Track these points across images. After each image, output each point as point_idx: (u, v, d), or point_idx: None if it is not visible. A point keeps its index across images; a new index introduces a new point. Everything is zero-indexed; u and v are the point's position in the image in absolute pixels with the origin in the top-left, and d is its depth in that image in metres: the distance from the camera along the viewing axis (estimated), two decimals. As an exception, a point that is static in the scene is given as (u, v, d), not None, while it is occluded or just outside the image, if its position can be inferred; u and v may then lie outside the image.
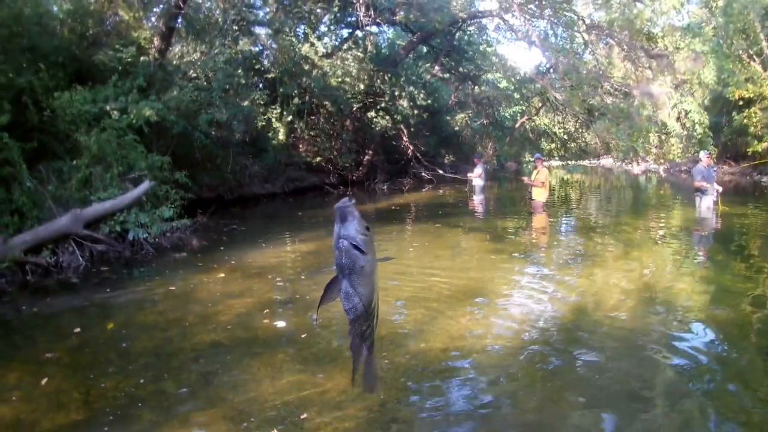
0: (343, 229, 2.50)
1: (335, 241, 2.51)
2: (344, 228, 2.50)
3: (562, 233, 17.05)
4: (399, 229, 17.83)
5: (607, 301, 8.75)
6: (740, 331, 7.46)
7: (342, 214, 2.51)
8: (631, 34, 31.36)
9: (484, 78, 45.48)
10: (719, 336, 7.18)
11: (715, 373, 6.18)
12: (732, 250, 13.33)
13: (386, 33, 42.02)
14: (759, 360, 6.53)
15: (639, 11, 31.02)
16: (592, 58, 37.12)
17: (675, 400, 5.56)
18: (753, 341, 7.17)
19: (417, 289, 9.71)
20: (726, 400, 5.56)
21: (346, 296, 2.63)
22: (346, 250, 2.51)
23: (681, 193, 27.98)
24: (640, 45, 31.49)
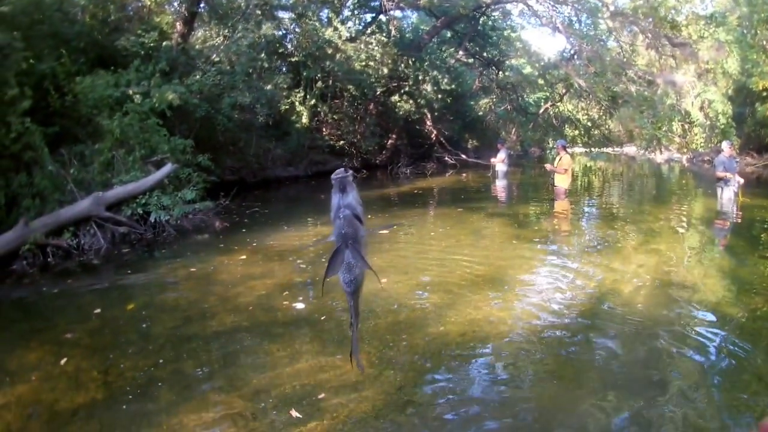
0: (344, 198, 2.46)
1: (335, 211, 2.47)
2: (344, 198, 2.46)
3: (584, 220, 16.97)
4: (421, 212, 17.83)
5: (625, 289, 8.72)
6: (756, 324, 7.41)
7: (341, 184, 2.46)
8: (655, 22, 31.19)
9: (508, 63, 45.26)
10: (735, 328, 7.14)
11: (730, 366, 6.13)
12: (751, 243, 13.20)
13: (410, 17, 41.94)
14: None
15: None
16: (616, 46, 36.95)
17: (690, 390, 5.52)
18: (765, 333, 7.11)
19: (438, 273, 9.71)
20: (740, 392, 5.53)
21: (348, 268, 2.57)
22: (349, 219, 2.46)
23: (703, 183, 27.78)
24: (664, 33, 31.31)
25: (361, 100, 31.93)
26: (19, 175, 12.82)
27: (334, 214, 2.47)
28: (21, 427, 5.11)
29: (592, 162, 50.39)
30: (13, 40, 13.14)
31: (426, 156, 36.27)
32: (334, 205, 2.45)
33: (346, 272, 2.56)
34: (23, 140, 12.73)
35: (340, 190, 2.44)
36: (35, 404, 5.44)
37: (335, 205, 2.45)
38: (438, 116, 36.54)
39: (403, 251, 11.64)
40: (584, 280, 9.38)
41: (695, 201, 21.72)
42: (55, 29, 16.03)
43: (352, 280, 2.58)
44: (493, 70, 44.13)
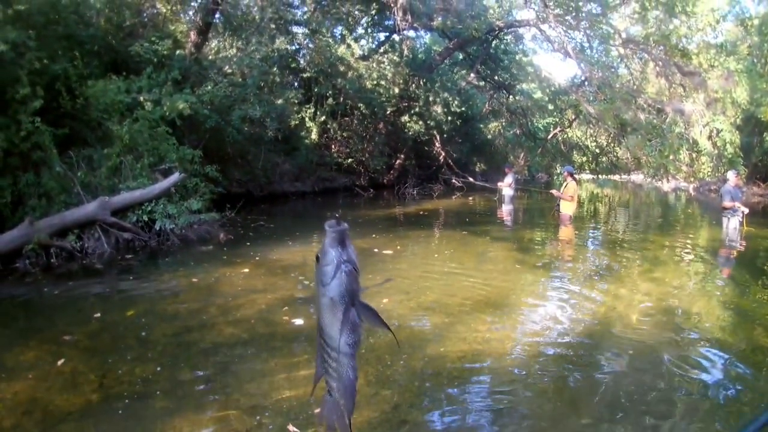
0: (344, 253, 2.36)
1: (335, 267, 2.34)
2: (345, 251, 2.36)
3: (588, 247, 16.96)
4: (426, 234, 17.83)
5: (627, 316, 8.69)
6: (758, 354, 7.38)
7: (341, 236, 2.36)
8: (666, 50, 31.29)
9: (518, 88, 45.43)
10: (737, 358, 7.10)
11: (731, 394, 6.12)
12: (755, 273, 13.18)
13: (423, 38, 42.20)
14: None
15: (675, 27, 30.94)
16: (627, 73, 37.04)
17: (690, 417, 5.51)
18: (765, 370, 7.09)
19: (439, 294, 9.69)
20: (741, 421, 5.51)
21: (353, 328, 2.45)
22: (354, 275, 2.37)
23: (709, 213, 27.81)
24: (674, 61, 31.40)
25: (370, 119, 32.06)
26: (27, 175, 12.93)
27: (334, 268, 2.35)
28: (15, 424, 5.11)
29: (599, 189, 50.45)
30: (28, 38, 13.24)
31: (433, 177, 36.39)
32: (332, 258, 2.33)
33: (352, 333, 2.43)
34: (32, 140, 12.82)
35: (340, 243, 2.33)
36: (31, 402, 5.45)
37: (334, 259, 2.34)
38: (447, 138, 36.69)
39: (406, 272, 11.63)
40: (586, 306, 9.37)
41: (701, 230, 21.73)
42: (69, 31, 16.15)
43: (356, 342, 2.45)
44: (504, 94, 44.30)
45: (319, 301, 2.38)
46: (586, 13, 31.05)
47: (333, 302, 2.31)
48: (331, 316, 2.35)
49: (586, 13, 31.05)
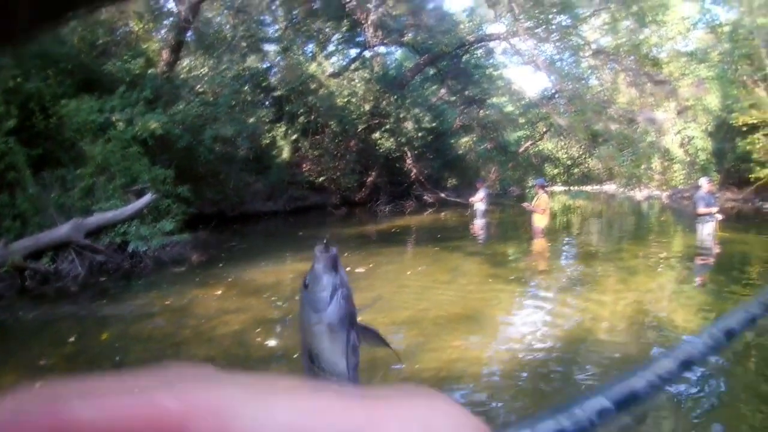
0: (338, 277, 2.33)
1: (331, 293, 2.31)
2: (337, 276, 2.33)
3: (562, 259, 17.05)
4: (399, 251, 17.86)
5: (604, 327, 8.74)
6: (737, 359, 7.45)
7: (333, 261, 2.33)
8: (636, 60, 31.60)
9: (489, 102, 45.68)
10: (716, 364, 7.19)
11: (711, 401, 6.18)
12: (732, 277, 13.31)
13: (394, 54, 42.35)
14: (757, 387, 6.51)
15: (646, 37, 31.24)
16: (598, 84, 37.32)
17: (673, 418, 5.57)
18: (750, 369, 7.17)
19: (413, 311, 9.69)
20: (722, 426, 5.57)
21: (354, 350, 2.42)
22: (351, 299, 2.34)
23: (683, 220, 27.98)
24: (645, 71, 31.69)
25: (342, 137, 32.08)
26: (1, 196, 12.84)
27: (330, 294, 2.32)
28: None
29: (572, 200, 50.62)
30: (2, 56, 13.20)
31: (405, 194, 36.38)
32: (326, 284, 2.31)
33: (353, 356, 2.39)
34: (6, 160, 12.79)
35: (333, 267, 2.31)
36: None
37: (329, 285, 2.31)
38: (418, 154, 36.72)
39: (379, 289, 11.64)
40: (561, 318, 9.43)
41: (675, 237, 21.90)
42: (44, 49, 16.10)
43: (356, 364, 2.40)
44: (475, 109, 44.47)
45: (311, 328, 2.36)
46: (556, 26, 31.36)
47: (332, 328, 2.28)
48: (330, 342, 2.32)
49: (556, 26, 31.36)
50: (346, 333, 2.29)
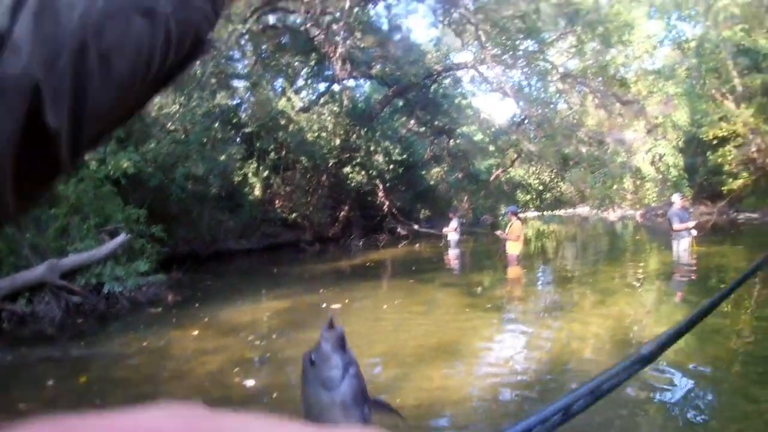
0: (348, 355, 2.32)
1: (342, 371, 2.30)
2: (347, 354, 2.33)
3: (538, 284, 17.12)
4: (374, 285, 17.86)
5: (583, 349, 8.80)
6: (721, 373, 7.50)
7: (340, 339, 2.34)
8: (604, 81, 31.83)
9: (459, 131, 45.85)
10: (699, 378, 7.22)
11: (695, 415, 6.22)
12: (711, 290, 13.44)
13: (362, 87, 42.41)
14: (741, 403, 6.55)
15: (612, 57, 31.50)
16: (566, 107, 37.56)
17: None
18: (734, 383, 7.20)
19: (391, 345, 9.69)
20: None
21: (367, 424, 2.41)
22: (361, 375, 2.34)
23: (657, 237, 28.20)
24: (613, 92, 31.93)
25: (313, 172, 32.09)
26: (-23, 237, 12.81)
27: (341, 372, 2.33)
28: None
29: (545, 225, 50.92)
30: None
31: (378, 227, 36.38)
32: (336, 363, 2.31)
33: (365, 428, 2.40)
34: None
35: (341, 345, 2.31)
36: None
37: (339, 363, 2.31)
38: (390, 187, 36.78)
39: (356, 324, 11.63)
40: (540, 344, 9.46)
41: (650, 256, 22.11)
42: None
43: None
44: (445, 139, 44.62)
45: (321, 406, 2.37)
46: (523, 51, 31.57)
47: (345, 405, 2.29)
48: (344, 419, 2.34)
49: (523, 51, 31.57)
50: (360, 410, 2.31)
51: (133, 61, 0.59)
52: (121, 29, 0.57)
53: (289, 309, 13.72)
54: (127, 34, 0.57)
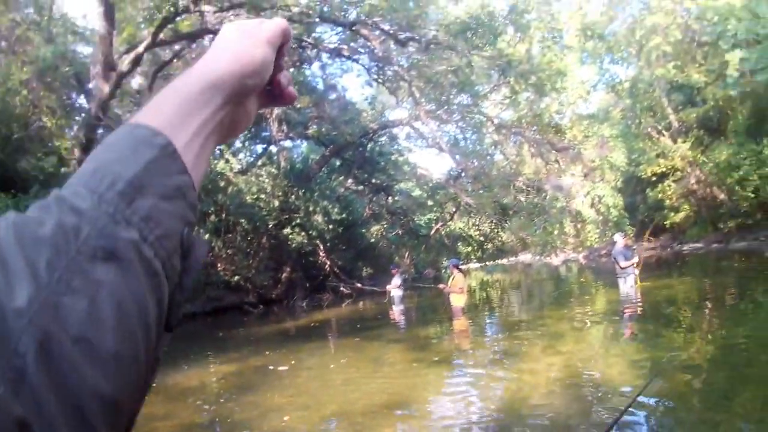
0: None
1: None
2: None
3: (485, 334, 17.18)
4: (320, 345, 17.75)
5: (537, 393, 8.82)
6: (678, 403, 7.60)
7: None
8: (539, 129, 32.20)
9: (397, 188, 46.08)
10: (657, 411, 7.30)
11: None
12: (660, 324, 13.67)
13: (300, 147, 42.62)
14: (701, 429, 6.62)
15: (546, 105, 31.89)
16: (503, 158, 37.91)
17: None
18: (693, 410, 7.35)
19: (341, 404, 9.64)
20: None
21: None
22: None
23: (602, 277, 28.51)
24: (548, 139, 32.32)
25: (254, 234, 32.04)
26: None
27: None
28: None
29: (489, 275, 51.17)
30: None
31: (321, 287, 36.29)
32: None
33: None
34: None
35: None
36: None
37: None
38: (330, 246, 36.75)
39: (305, 385, 11.59)
40: (493, 392, 9.50)
41: (597, 296, 22.38)
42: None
43: None
44: (383, 196, 44.81)
45: None
46: (457, 105, 31.82)
47: None
48: None
49: (457, 105, 31.82)
50: None
51: (119, 321, 0.62)
52: (85, 295, 0.59)
53: (237, 372, 13.64)
54: (95, 299, 0.60)
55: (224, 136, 0.95)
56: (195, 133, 0.82)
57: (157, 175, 0.73)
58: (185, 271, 0.77)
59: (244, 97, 0.94)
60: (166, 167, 0.75)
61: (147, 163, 0.72)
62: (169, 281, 0.72)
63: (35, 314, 0.56)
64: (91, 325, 0.59)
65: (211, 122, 0.86)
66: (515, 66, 28.18)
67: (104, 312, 0.60)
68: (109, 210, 0.66)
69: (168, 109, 0.82)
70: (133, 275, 0.65)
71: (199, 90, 0.84)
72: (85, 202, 0.67)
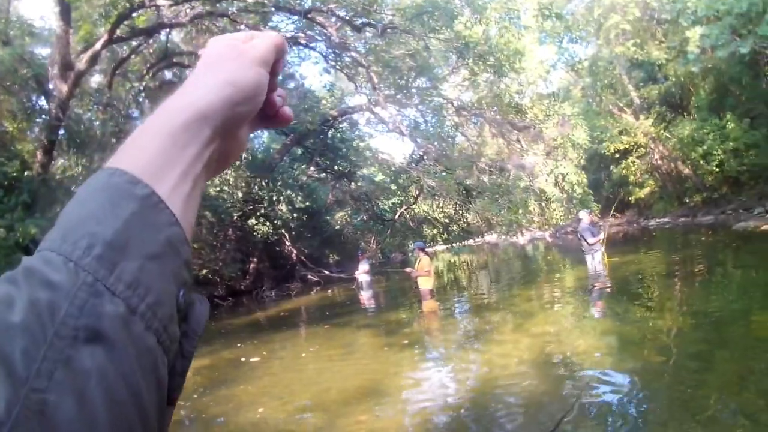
0: None
1: None
2: None
3: (455, 316, 17.23)
4: (290, 335, 17.73)
5: (509, 373, 8.87)
6: (651, 377, 7.68)
7: None
8: (500, 110, 32.15)
9: (359, 174, 45.98)
10: (630, 388, 7.34)
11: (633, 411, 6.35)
12: (630, 299, 13.78)
13: (261, 137, 42.27)
14: (675, 408, 6.67)
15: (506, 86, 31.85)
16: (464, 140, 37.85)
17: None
18: (666, 387, 7.39)
19: (314, 392, 9.66)
20: None
21: None
22: None
23: (569, 255, 28.69)
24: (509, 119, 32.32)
25: (219, 226, 31.88)
26: None
27: None
28: None
29: (456, 257, 51.24)
30: None
31: (289, 276, 36.26)
32: None
33: None
34: None
35: None
36: None
37: None
38: (296, 235, 36.72)
39: (278, 376, 11.58)
40: (466, 373, 9.55)
41: (564, 273, 22.55)
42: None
43: None
44: (346, 182, 44.63)
45: None
46: (416, 89, 31.72)
47: None
48: None
49: (416, 89, 31.72)
50: None
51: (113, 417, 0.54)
52: (71, 390, 0.52)
53: (210, 366, 13.60)
54: (83, 395, 0.52)
55: (215, 170, 0.86)
56: (182, 175, 0.72)
57: (141, 232, 0.64)
58: (185, 335, 0.72)
59: (236, 127, 0.85)
60: (151, 220, 0.65)
61: (128, 219, 0.63)
62: (167, 353, 0.65)
63: (16, 424, 0.49)
64: (82, 430, 0.52)
65: (200, 160, 0.75)
66: (473, 48, 28.14)
67: (95, 409, 0.53)
68: (87, 280, 0.57)
69: (148, 149, 0.71)
70: (123, 356, 0.56)
71: (183, 123, 0.74)
72: (59, 272, 0.58)
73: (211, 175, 0.84)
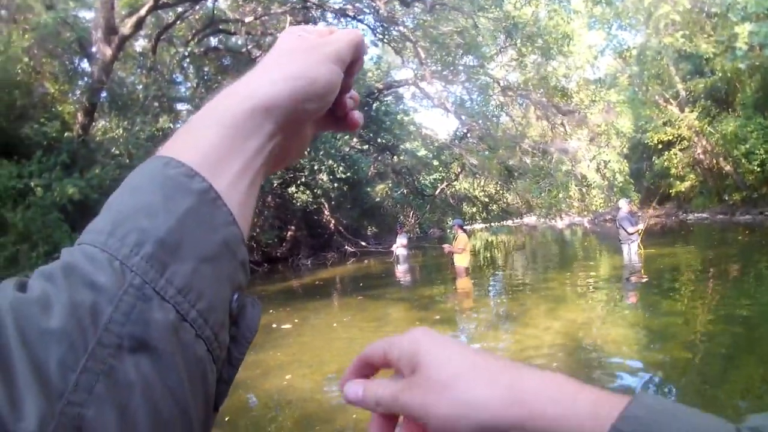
0: None
1: None
2: None
3: (489, 295, 17.18)
4: (324, 303, 17.89)
5: (537, 357, 8.88)
6: (676, 373, 7.73)
7: None
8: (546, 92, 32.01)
9: (402, 147, 45.93)
10: (655, 381, 7.37)
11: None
12: (662, 292, 13.65)
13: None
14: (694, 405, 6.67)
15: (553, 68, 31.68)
16: (508, 120, 37.75)
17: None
18: (688, 383, 7.43)
19: (343, 363, 9.64)
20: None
21: None
22: None
23: (606, 242, 28.47)
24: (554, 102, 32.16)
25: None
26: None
27: None
28: None
29: (493, 236, 51.04)
30: None
31: (326, 246, 36.44)
32: None
33: None
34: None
35: None
36: None
37: None
38: (336, 205, 36.79)
39: (308, 344, 11.66)
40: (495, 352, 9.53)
41: (601, 261, 22.35)
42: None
43: None
44: (388, 155, 44.65)
45: None
46: (463, 66, 31.66)
47: None
48: None
49: (463, 66, 31.66)
50: None
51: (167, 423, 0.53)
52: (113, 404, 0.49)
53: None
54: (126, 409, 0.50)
55: (272, 168, 0.81)
56: (242, 169, 0.69)
57: (196, 230, 0.60)
58: (234, 340, 0.68)
59: (301, 124, 0.80)
60: (208, 218, 0.62)
61: (182, 215, 0.60)
62: (216, 361, 0.62)
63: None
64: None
65: (261, 154, 0.72)
66: (522, 28, 28.06)
67: (139, 425, 0.50)
68: (135, 282, 0.54)
69: (206, 139, 0.67)
70: (171, 367, 0.54)
71: (245, 114, 0.69)
72: (103, 271, 0.54)
73: (269, 173, 0.80)
